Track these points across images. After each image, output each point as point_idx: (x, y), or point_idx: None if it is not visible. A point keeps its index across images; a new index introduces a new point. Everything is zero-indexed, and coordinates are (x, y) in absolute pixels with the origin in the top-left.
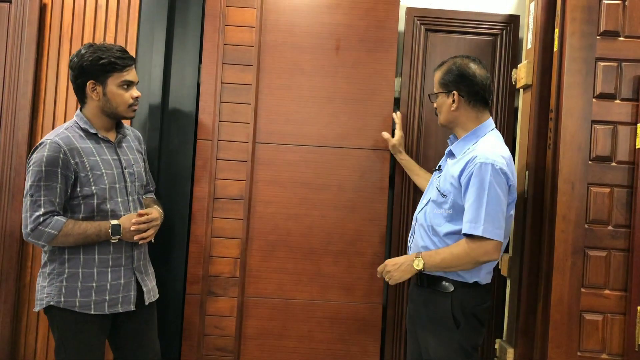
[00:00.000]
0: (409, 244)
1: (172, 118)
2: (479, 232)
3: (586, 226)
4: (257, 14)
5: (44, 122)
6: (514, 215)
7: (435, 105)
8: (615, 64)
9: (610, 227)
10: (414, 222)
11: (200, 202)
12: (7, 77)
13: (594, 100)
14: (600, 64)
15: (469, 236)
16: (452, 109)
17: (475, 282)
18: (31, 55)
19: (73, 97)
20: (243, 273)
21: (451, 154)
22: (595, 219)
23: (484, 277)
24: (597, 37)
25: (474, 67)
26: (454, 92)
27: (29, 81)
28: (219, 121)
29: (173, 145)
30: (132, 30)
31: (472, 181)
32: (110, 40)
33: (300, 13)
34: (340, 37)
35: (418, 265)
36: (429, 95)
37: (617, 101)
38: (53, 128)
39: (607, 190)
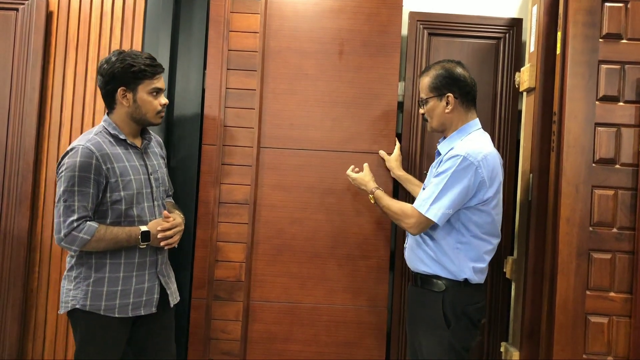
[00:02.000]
0: (405, 245)
1: (177, 123)
2: (423, 211)
3: (590, 229)
4: (261, 19)
5: (50, 128)
6: (500, 211)
7: (423, 110)
8: (618, 67)
9: (614, 230)
10: None
11: (205, 206)
12: (14, 84)
13: (597, 102)
14: (603, 66)
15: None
16: (447, 111)
17: (466, 280)
18: (38, 61)
19: (79, 104)
20: (248, 277)
21: (438, 154)
22: (599, 221)
23: (472, 275)
24: (600, 40)
25: (460, 69)
26: (449, 94)
27: (36, 88)
28: (224, 126)
29: (178, 151)
30: (137, 37)
31: (440, 166)
32: (115, 46)
33: (304, 18)
34: (343, 42)
35: (371, 200)
36: (418, 100)
37: (621, 103)
38: (60, 134)
39: (611, 192)
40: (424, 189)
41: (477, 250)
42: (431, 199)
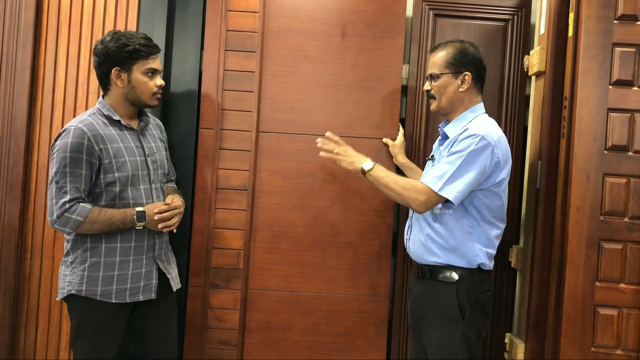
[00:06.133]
0: (406, 237)
1: (173, 106)
2: (435, 189)
3: (601, 218)
4: None
5: (42, 109)
6: (507, 195)
7: (432, 85)
8: (633, 50)
9: (626, 219)
10: (410, 214)
11: (202, 192)
12: (4, 64)
13: (610, 87)
14: (618, 49)
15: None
16: (461, 90)
17: (479, 267)
18: (29, 41)
19: (72, 85)
20: (246, 265)
21: (444, 137)
22: (610, 210)
23: (486, 260)
24: (615, 22)
25: (477, 51)
26: (467, 73)
27: (27, 68)
28: (222, 109)
29: (175, 135)
30: (132, 15)
31: (455, 145)
32: (109, 25)
33: None
34: (346, 23)
35: (364, 173)
36: (430, 74)
37: (635, 88)
38: (52, 116)
39: (623, 180)
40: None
41: (488, 235)
42: (445, 177)
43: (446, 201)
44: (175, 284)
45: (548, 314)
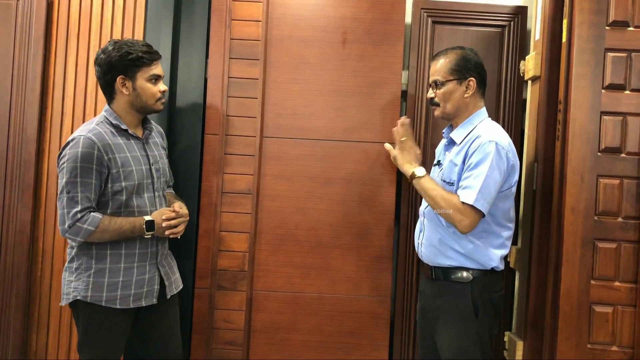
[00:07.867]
0: (418, 241)
1: (179, 113)
2: (470, 201)
3: (595, 218)
4: (264, 8)
5: (52, 118)
6: (514, 196)
7: (436, 92)
8: (624, 55)
9: (619, 219)
10: (421, 218)
11: (208, 196)
12: (15, 74)
13: (603, 91)
14: (610, 54)
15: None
16: (466, 95)
17: (492, 269)
18: (39, 51)
19: (81, 93)
20: (252, 267)
21: (451, 142)
22: (604, 210)
23: (499, 263)
24: (606, 28)
25: (478, 56)
26: (471, 79)
27: (37, 77)
28: (227, 116)
29: (181, 141)
30: (138, 26)
31: (474, 155)
32: (117, 35)
33: (307, 6)
34: (346, 30)
35: (412, 177)
36: (434, 81)
37: (627, 92)
38: (62, 124)
39: (616, 181)
40: (444, 181)
41: (501, 237)
42: (476, 190)
43: None
44: (172, 290)
45: (545, 312)
